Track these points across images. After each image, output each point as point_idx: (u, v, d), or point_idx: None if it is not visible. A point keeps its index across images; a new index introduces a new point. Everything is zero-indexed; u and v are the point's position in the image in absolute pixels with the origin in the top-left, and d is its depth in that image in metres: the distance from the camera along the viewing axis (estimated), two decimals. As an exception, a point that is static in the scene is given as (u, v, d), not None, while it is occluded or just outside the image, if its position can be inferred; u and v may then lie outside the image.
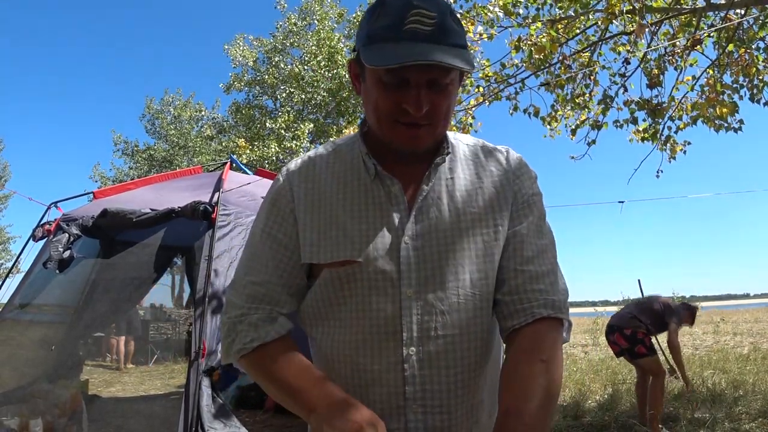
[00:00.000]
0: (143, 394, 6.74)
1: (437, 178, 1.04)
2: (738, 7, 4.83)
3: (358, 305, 0.99)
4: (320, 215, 1.02)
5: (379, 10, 0.94)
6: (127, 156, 21.66)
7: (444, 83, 0.94)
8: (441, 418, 0.98)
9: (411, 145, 0.99)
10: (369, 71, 0.96)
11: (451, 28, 0.92)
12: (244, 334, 1.00)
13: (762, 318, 18.90)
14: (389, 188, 1.02)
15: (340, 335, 1.01)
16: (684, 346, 11.05)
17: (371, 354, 0.98)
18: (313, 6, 15.68)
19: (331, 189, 1.04)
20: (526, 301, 0.99)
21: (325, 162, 1.08)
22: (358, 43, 0.98)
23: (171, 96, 21.73)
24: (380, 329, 0.98)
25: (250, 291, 1.02)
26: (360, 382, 0.99)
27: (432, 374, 0.97)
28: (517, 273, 1.01)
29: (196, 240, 4.16)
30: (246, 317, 1.01)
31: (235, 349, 1.00)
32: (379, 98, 0.95)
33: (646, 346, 4.67)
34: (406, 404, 0.97)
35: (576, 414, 5.23)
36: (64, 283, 4.55)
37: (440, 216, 1.01)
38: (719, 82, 5.33)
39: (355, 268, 0.98)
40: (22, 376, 4.33)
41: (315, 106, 15.13)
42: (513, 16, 5.51)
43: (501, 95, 5.60)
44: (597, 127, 5.80)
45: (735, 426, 4.59)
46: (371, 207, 1.01)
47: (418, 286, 0.98)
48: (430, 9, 0.90)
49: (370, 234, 0.99)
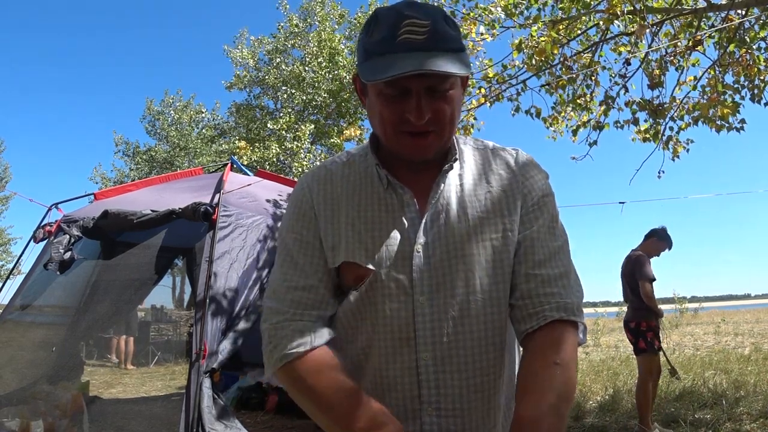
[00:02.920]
0: (144, 395, 6.73)
1: (446, 185, 1.05)
2: (739, 7, 4.82)
3: (373, 312, 1.02)
4: (336, 222, 1.05)
5: (373, 25, 0.96)
6: (128, 157, 21.67)
7: (443, 89, 0.95)
8: (455, 421, 1.00)
9: (418, 154, 1.01)
10: (371, 85, 0.98)
11: (445, 33, 0.93)
12: (289, 339, 0.98)
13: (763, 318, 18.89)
14: (401, 197, 1.04)
15: (359, 342, 1.05)
16: (685, 347, 11.07)
17: (386, 359, 1.01)
18: (315, 7, 15.69)
19: (346, 197, 1.06)
20: (538, 305, 0.99)
21: (341, 171, 1.10)
22: (358, 59, 1.01)
23: (171, 97, 21.75)
24: (395, 335, 1.01)
25: (293, 296, 1.02)
26: (377, 388, 1.02)
27: (446, 378, 0.99)
28: (528, 277, 1.01)
29: (196, 241, 4.17)
30: (291, 323, 1.00)
31: (278, 356, 0.98)
32: (382, 111, 0.97)
33: (646, 341, 4.66)
34: (422, 407, 1.00)
35: (577, 415, 5.23)
36: (65, 285, 4.55)
37: (450, 223, 1.02)
38: (720, 83, 5.32)
39: (370, 278, 1.01)
40: (23, 378, 4.33)
41: (316, 107, 15.12)
42: (514, 17, 5.51)
43: (503, 96, 5.60)
44: (598, 127, 5.79)
45: (736, 426, 4.58)
46: (384, 215, 1.04)
47: (431, 293, 1.00)
48: (422, 18, 0.92)
49: (383, 242, 1.02)
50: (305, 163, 13.08)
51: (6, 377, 4.25)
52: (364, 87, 1.03)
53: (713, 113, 5.22)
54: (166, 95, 21.77)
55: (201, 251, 3.92)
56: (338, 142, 13.41)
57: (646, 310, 4.69)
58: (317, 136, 14.94)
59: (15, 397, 3.99)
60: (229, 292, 3.77)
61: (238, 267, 3.91)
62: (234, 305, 3.76)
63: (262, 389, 5.61)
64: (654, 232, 4.97)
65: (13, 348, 4.49)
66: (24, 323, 4.55)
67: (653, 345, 4.64)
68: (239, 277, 3.87)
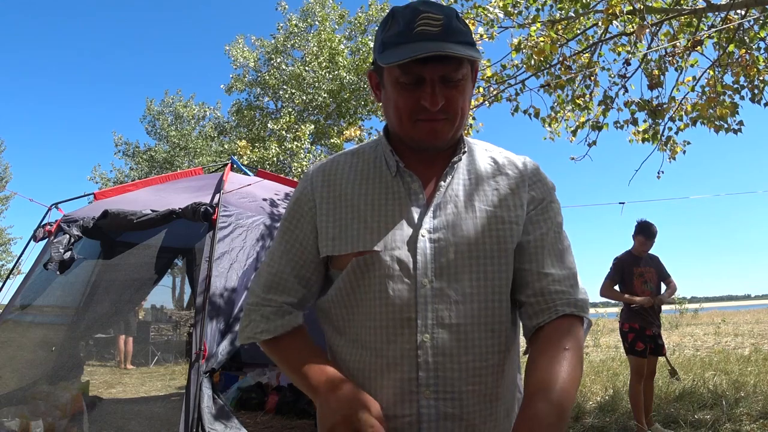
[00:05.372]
0: (144, 395, 6.73)
1: (455, 176, 1.11)
2: (738, 7, 4.82)
3: (376, 293, 1.04)
4: (342, 210, 1.09)
5: (390, 21, 1.04)
6: (128, 157, 21.70)
7: (456, 78, 1.01)
8: (453, 404, 1.01)
9: (431, 139, 1.05)
10: (387, 76, 1.04)
11: (458, 28, 1.00)
12: (256, 324, 1.12)
13: (763, 319, 18.89)
14: (409, 184, 1.09)
15: (360, 321, 1.07)
16: (685, 348, 11.07)
17: (387, 339, 1.03)
18: (315, 7, 15.70)
19: (353, 186, 1.11)
20: (551, 302, 1.05)
21: (348, 162, 1.16)
22: (375, 53, 1.07)
23: (171, 97, 21.77)
24: (396, 315, 1.03)
25: (266, 279, 1.14)
26: (376, 367, 1.04)
27: (445, 361, 1.01)
28: (540, 276, 1.07)
29: (196, 241, 4.18)
30: (261, 308, 1.13)
31: (246, 335, 1.14)
32: (398, 99, 1.03)
33: (627, 342, 4.67)
34: (419, 390, 1.01)
35: (577, 415, 5.23)
36: (65, 285, 4.56)
37: (457, 212, 1.07)
38: (720, 83, 5.32)
39: (374, 257, 1.04)
40: (22, 378, 4.33)
41: (316, 108, 15.13)
42: (513, 17, 5.52)
43: (501, 96, 5.60)
44: (597, 128, 5.79)
45: (736, 427, 4.58)
46: (391, 201, 1.08)
47: (434, 276, 1.03)
48: (437, 13, 0.99)
49: (389, 226, 1.06)
50: (305, 163, 13.09)
51: (6, 377, 4.25)
52: (379, 82, 1.10)
53: (712, 114, 5.22)
54: (166, 95, 21.83)
55: (201, 251, 3.92)
56: (338, 142, 13.41)
57: (627, 311, 4.70)
58: (317, 136, 14.96)
59: (15, 397, 3.99)
60: (229, 293, 3.78)
61: (238, 267, 3.91)
62: (233, 306, 3.76)
63: (262, 389, 5.61)
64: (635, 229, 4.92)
65: (12, 348, 4.49)
66: (24, 323, 4.55)
67: (634, 347, 4.60)
68: (239, 277, 3.87)
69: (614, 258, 4.84)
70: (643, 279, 4.71)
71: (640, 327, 4.61)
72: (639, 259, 4.77)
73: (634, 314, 4.63)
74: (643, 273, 4.73)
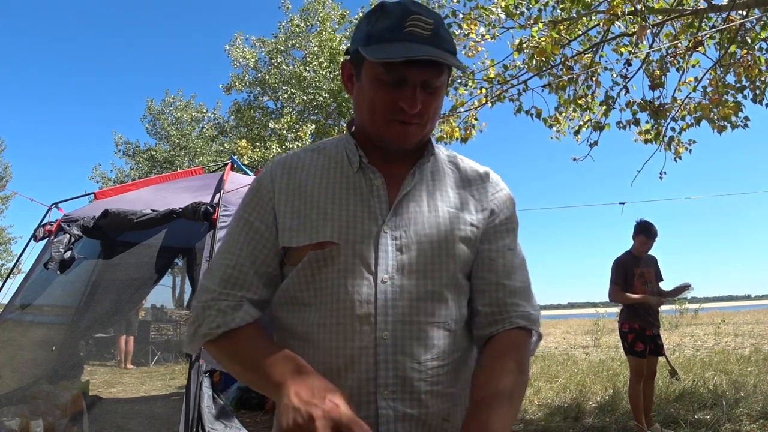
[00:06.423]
0: (144, 395, 6.73)
1: (420, 177, 1.10)
2: (740, 8, 4.82)
3: (334, 288, 1.01)
4: (301, 201, 1.06)
5: (378, 13, 1.02)
6: (128, 156, 21.72)
7: (435, 85, 1.01)
8: (412, 405, 0.99)
9: (402, 141, 1.05)
10: (366, 71, 1.02)
11: (444, 36, 1.00)
12: (211, 320, 1.01)
13: (763, 319, 18.89)
14: (371, 180, 1.07)
15: (316, 319, 1.02)
16: (685, 348, 11.06)
17: (345, 337, 0.99)
18: (315, 7, 15.70)
19: (314, 178, 1.09)
20: (505, 313, 1.06)
21: (309, 157, 1.14)
22: (356, 43, 1.04)
23: (172, 97, 21.77)
24: (354, 311, 0.99)
25: (222, 274, 1.05)
26: (332, 367, 0.99)
27: (405, 360, 0.99)
28: (498, 286, 1.08)
29: (197, 241, 4.18)
30: (216, 303, 1.02)
31: (201, 333, 1.01)
32: (375, 96, 1.01)
33: (626, 342, 4.66)
34: (377, 390, 0.98)
35: (576, 415, 5.23)
36: (65, 284, 4.55)
37: (419, 210, 1.06)
38: (722, 83, 5.32)
39: (334, 252, 1.01)
40: (23, 377, 4.33)
41: (316, 107, 15.13)
42: (515, 17, 5.51)
43: (504, 96, 5.60)
44: (599, 128, 5.79)
45: (736, 427, 4.58)
46: (352, 196, 1.06)
47: (394, 273, 1.01)
48: (428, 16, 0.99)
49: (350, 219, 1.03)
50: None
51: (6, 377, 4.25)
52: (352, 74, 1.08)
53: (715, 113, 5.22)
54: (166, 95, 21.83)
55: (201, 251, 3.92)
56: (339, 142, 13.38)
57: (627, 311, 4.70)
58: (318, 135, 14.95)
59: (15, 397, 3.98)
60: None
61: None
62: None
63: (262, 389, 5.60)
64: (635, 229, 4.90)
65: (13, 347, 4.48)
66: (24, 323, 4.54)
67: (634, 347, 4.59)
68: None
69: (614, 259, 4.83)
70: (643, 279, 4.70)
71: (639, 327, 4.60)
72: (639, 259, 4.76)
73: (634, 314, 4.62)
74: (644, 273, 4.73)
